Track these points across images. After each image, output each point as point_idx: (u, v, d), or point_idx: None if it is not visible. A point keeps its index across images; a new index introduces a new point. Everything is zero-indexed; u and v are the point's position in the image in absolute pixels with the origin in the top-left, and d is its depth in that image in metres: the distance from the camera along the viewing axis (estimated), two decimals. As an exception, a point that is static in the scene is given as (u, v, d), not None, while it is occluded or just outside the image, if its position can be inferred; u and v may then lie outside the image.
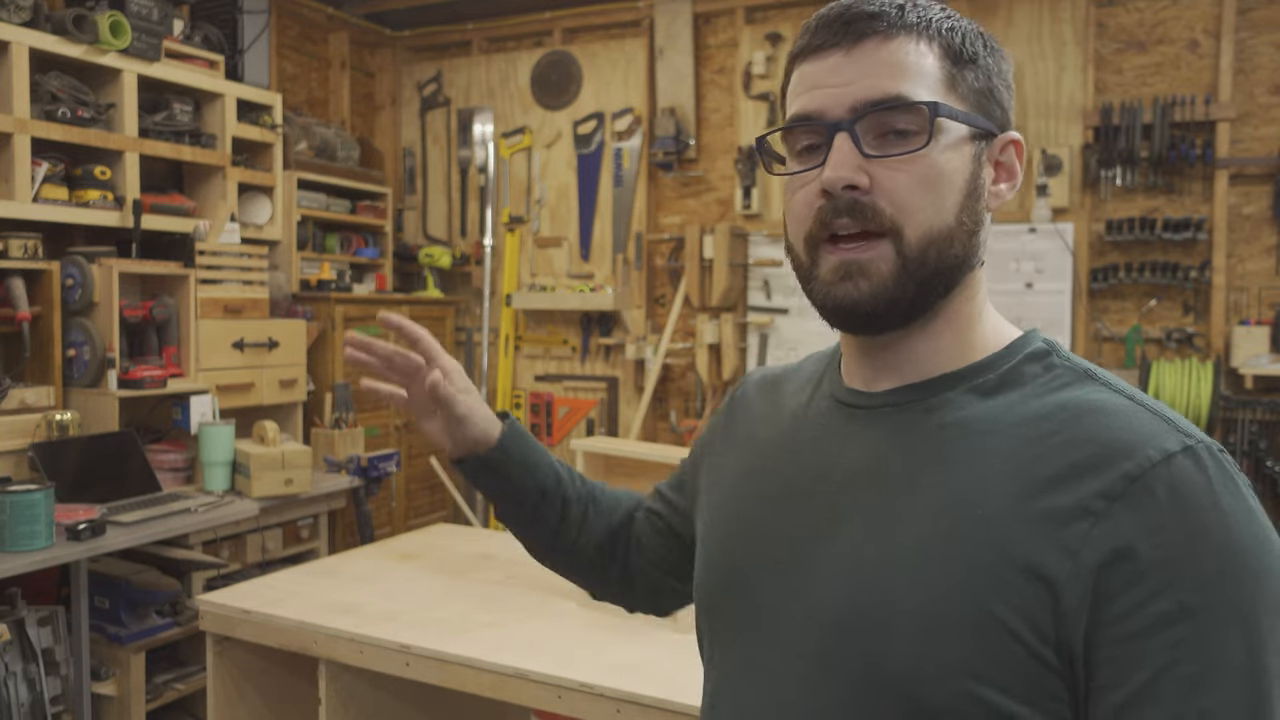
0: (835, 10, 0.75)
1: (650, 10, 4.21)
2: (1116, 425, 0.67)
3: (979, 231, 0.75)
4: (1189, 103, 3.36)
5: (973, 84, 0.74)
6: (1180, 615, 0.61)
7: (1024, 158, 0.79)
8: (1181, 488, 0.63)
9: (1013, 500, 0.67)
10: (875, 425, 0.77)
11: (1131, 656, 0.61)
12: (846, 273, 0.73)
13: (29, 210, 2.91)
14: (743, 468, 0.89)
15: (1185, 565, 0.61)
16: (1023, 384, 0.74)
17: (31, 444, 2.79)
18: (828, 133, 0.72)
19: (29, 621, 2.60)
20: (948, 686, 0.65)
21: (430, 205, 4.79)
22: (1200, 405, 3.17)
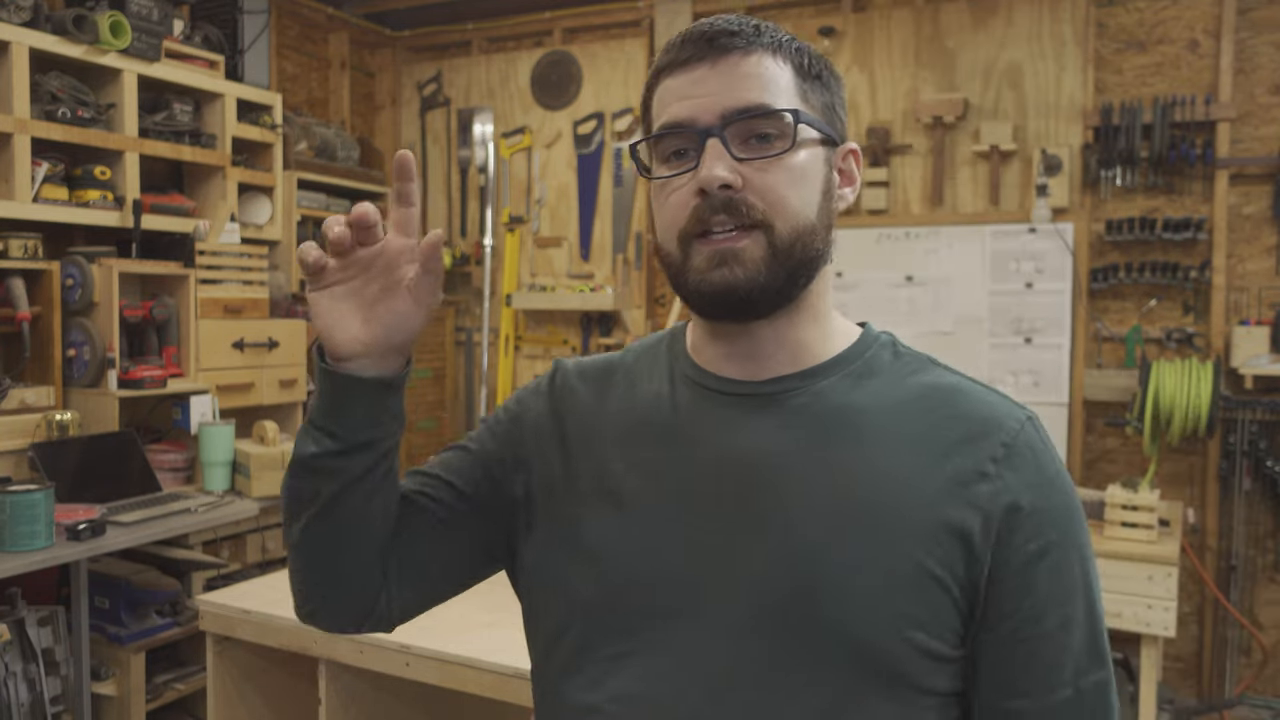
0: (698, 29, 0.82)
1: (650, 10, 4.21)
2: (979, 402, 0.83)
3: (832, 229, 0.84)
4: (1189, 103, 3.36)
5: (819, 98, 0.84)
6: (1047, 549, 0.79)
7: (861, 165, 0.89)
8: (1036, 448, 0.81)
9: (925, 468, 0.79)
10: (771, 412, 0.83)
11: (1022, 585, 0.78)
12: (721, 260, 0.79)
13: (29, 210, 2.91)
14: (618, 466, 0.86)
15: (1046, 511, 0.79)
16: (884, 370, 0.86)
17: (31, 444, 2.79)
18: (699, 139, 0.79)
19: (29, 621, 2.60)
20: (894, 636, 0.76)
21: (430, 205, 4.79)
22: (1200, 405, 3.16)
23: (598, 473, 0.87)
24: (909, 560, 0.77)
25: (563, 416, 0.92)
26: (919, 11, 3.77)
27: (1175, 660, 3.50)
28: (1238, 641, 3.40)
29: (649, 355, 0.94)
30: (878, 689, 0.76)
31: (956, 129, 3.73)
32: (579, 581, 0.84)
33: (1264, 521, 3.35)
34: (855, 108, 3.89)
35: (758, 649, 0.78)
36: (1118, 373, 3.49)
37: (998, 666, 0.79)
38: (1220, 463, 3.36)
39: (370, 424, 0.82)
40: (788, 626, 0.77)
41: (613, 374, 0.94)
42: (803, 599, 0.77)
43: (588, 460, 0.89)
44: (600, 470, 0.87)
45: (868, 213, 3.86)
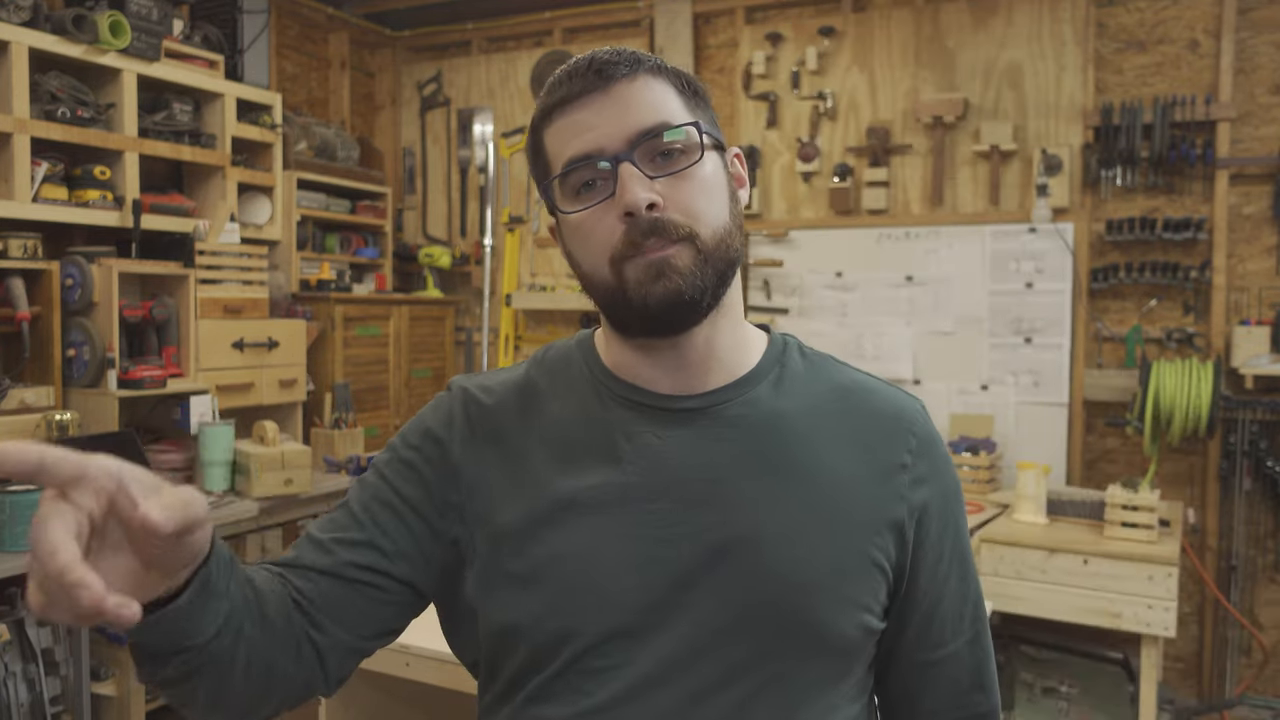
0: (580, 64, 0.84)
1: (650, 10, 4.21)
2: (886, 398, 0.92)
3: (742, 228, 0.88)
4: (1189, 103, 3.36)
5: (702, 112, 0.87)
6: (950, 521, 0.91)
7: (746, 167, 0.93)
8: (933, 435, 0.92)
9: (857, 465, 0.87)
10: (708, 425, 0.86)
11: (935, 557, 0.90)
12: (658, 272, 0.81)
13: (29, 210, 2.91)
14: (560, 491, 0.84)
15: (947, 491, 0.91)
16: (798, 374, 0.92)
17: (31, 444, 2.79)
18: (610, 166, 0.81)
19: (29, 621, 2.60)
20: (851, 621, 0.84)
21: (430, 205, 4.79)
22: (1200, 405, 3.16)
23: (538, 499, 0.85)
24: (857, 552, 0.85)
25: (484, 443, 0.88)
26: (919, 11, 3.77)
27: (1175, 660, 3.50)
28: (1238, 641, 3.39)
29: (561, 372, 0.92)
30: (836, 669, 0.85)
31: (956, 129, 3.73)
32: (538, 611, 0.83)
33: (1264, 521, 3.35)
34: (855, 108, 3.89)
35: (725, 654, 0.81)
36: (1118, 373, 3.49)
37: (918, 626, 0.90)
38: (1220, 463, 3.35)
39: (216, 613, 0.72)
40: (755, 627, 0.81)
41: (526, 393, 0.91)
42: (764, 601, 0.82)
43: (524, 487, 0.86)
44: (540, 496, 0.85)
45: (868, 213, 3.85)
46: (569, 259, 0.88)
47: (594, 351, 0.93)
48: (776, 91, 4.01)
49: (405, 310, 4.34)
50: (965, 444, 3.53)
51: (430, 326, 4.52)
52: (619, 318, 0.85)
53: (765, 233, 4.03)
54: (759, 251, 4.04)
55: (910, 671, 0.92)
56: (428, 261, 4.56)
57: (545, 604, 0.83)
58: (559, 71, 0.86)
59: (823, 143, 3.94)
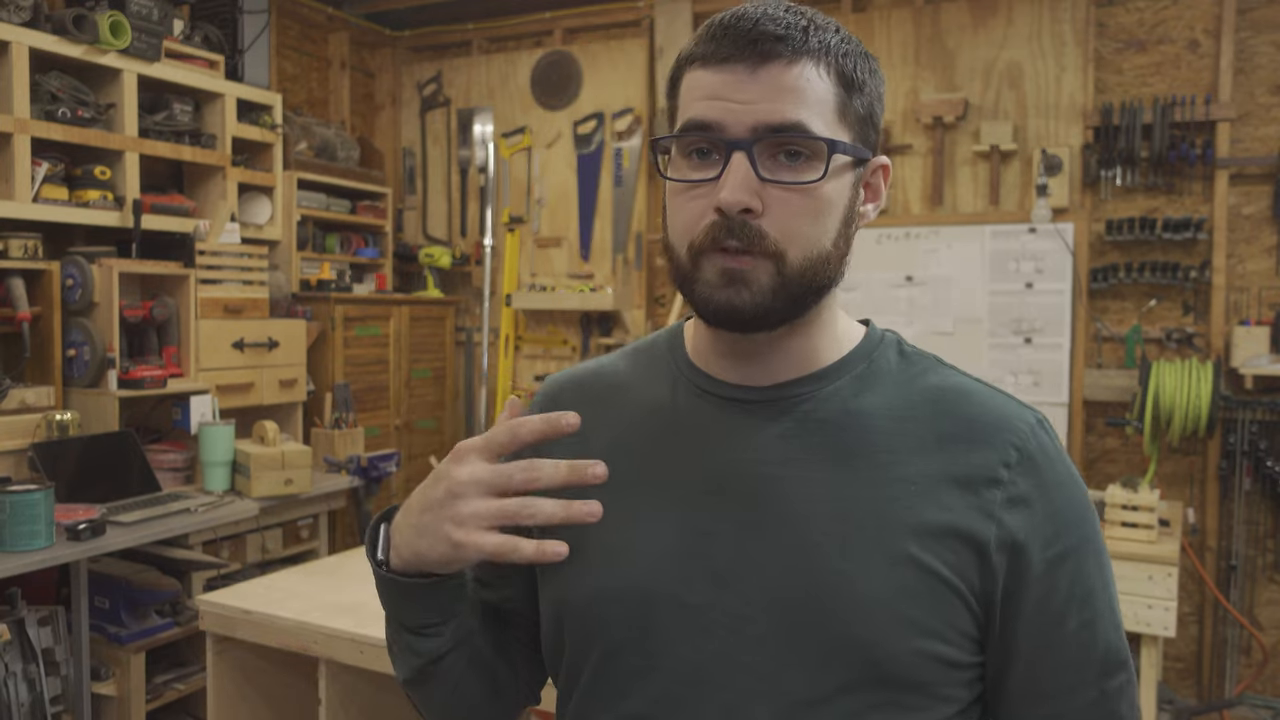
0: (742, 24, 0.75)
1: (650, 10, 4.21)
2: (988, 404, 0.82)
3: (847, 254, 0.81)
4: (1189, 103, 3.36)
5: (858, 110, 0.79)
6: (1066, 555, 0.78)
7: (889, 180, 0.85)
8: (1047, 451, 0.80)
9: (934, 473, 0.78)
10: (776, 418, 0.81)
11: (1043, 591, 0.77)
12: (730, 279, 0.76)
13: (29, 210, 2.91)
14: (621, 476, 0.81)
15: (1063, 515, 0.78)
16: (891, 371, 0.84)
17: (31, 444, 2.79)
18: (725, 149, 0.75)
19: (29, 621, 2.60)
20: (905, 644, 0.74)
21: (430, 205, 4.79)
22: (1200, 405, 3.16)
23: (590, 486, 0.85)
24: (918, 567, 0.75)
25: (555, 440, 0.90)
26: (919, 11, 3.77)
27: (1175, 660, 3.50)
28: (1238, 641, 3.40)
29: (646, 359, 0.92)
30: (895, 698, 0.75)
31: (956, 129, 3.73)
32: (577, 602, 0.82)
33: (1264, 521, 3.35)
34: (855, 108, 3.89)
35: (771, 663, 0.76)
36: (1118, 373, 3.49)
37: (1022, 673, 0.78)
38: (1220, 463, 3.36)
39: (448, 610, 0.82)
40: (800, 639, 0.75)
41: (606, 381, 0.92)
42: (813, 610, 0.75)
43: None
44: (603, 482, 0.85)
45: (868, 213, 3.85)
46: (662, 210, 0.84)
47: (680, 339, 0.90)
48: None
49: (405, 310, 4.34)
50: (965, 444, 3.52)
51: (430, 326, 4.52)
52: (685, 296, 0.80)
53: (765, 233, 4.02)
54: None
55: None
56: (428, 261, 4.56)
57: (586, 595, 0.82)
58: (719, 20, 0.77)
59: (823, 143, 3.94)
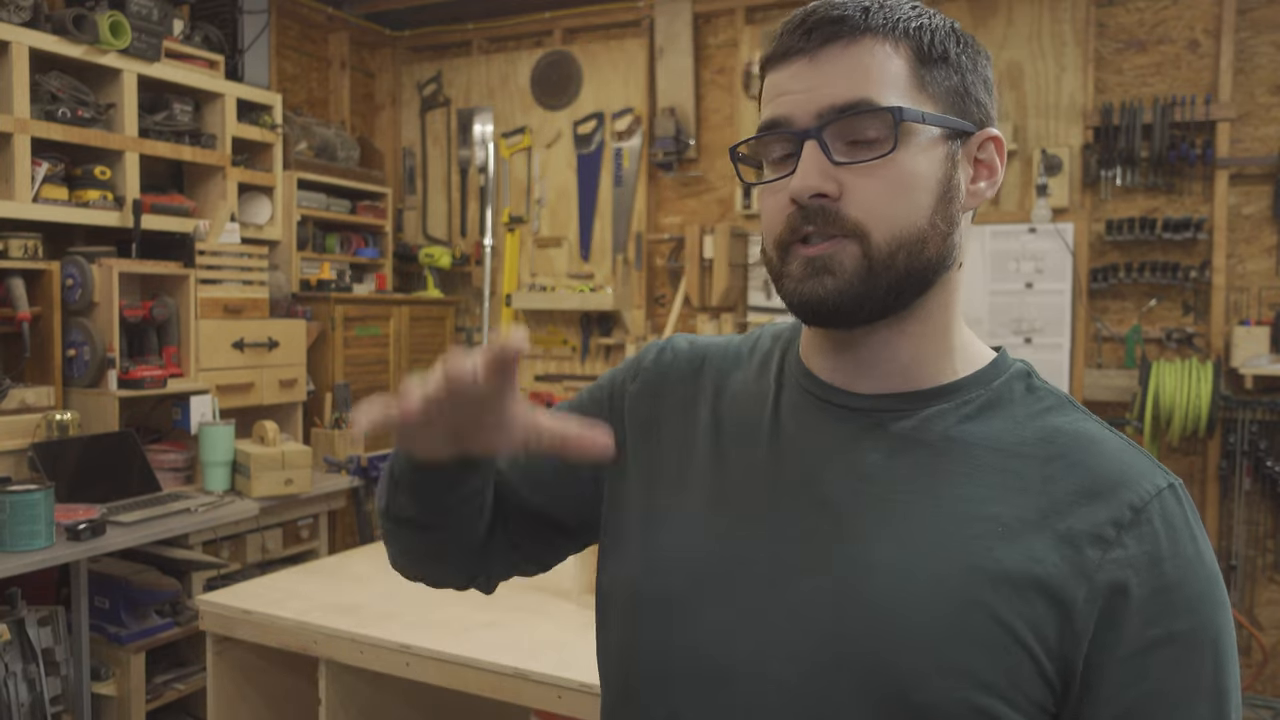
0: (799, 16, 0.74)
1: (650, 10, 4.21)
2: (1115, 457, 0.72)
3: (953, 233, 0.75)
4: (1189, 103, 3.36)
5: (944, 83, 0.74)
6: (1169, 640, 0.67)
7: (1004, 154, 0.79)
8: (1173, 520, 0.70)
9: (1032, 518, 0.69)
10: (871, 430, 0.76)
11: (1128, 676, 0.67)
12: (813, 269, 0.73)
13: (29, 210, 2.91)
14: (706, 458, 0.82)
15: (1175, 594, 0.68)
16: (1011, 403, 0.76)
17: (31, 444, 2.79)
18: (796, 141, 0.73)
19: (29, 621, 2.60)
20: (952, 695, 0.66)
21: (430, 205, 4.79)
22: (1200, 405, 3.16)
23: (663, 467, 0.84)
24: (988, 614, 0.67)
25: (664, 392, 0.88)
26: (919, 11, 3.77)
27: (1175, 660, 3.50)
28: (1237, 641, 3.39)
29: (765, 345, 0.89)
30: None
31: (956, 129, 3.72)
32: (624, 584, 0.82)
33: (1264, 521, 3.35)
34: (855, 108, 3.89)
35: (798, 683, 0.71)
36: (1118, 373, 3.49)
37: None
38: (1220, 463, 3.36)
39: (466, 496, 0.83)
40: (833, 664, 0.70)
41: (721, 356, 0.89)
42: (851, 640, 0.70)
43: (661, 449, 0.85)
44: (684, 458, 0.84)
45: (868, 213, 3.85)
46: None
47: (798, 329, 0.86)
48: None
49: (405, 310, 4.34)
50: (965, 444, 3.53)
51: (430, 326, 4.52)
52: (780, 296, 0.78)
53: (765, 233, 4.02)
54: (759, 251, 4.04)
55: None
56: (428, 261, 4.56)
57: (637, 574, 0.81)
58: (784, 23, 0.76)
59: (823, 143, 3.94)
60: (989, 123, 0.78)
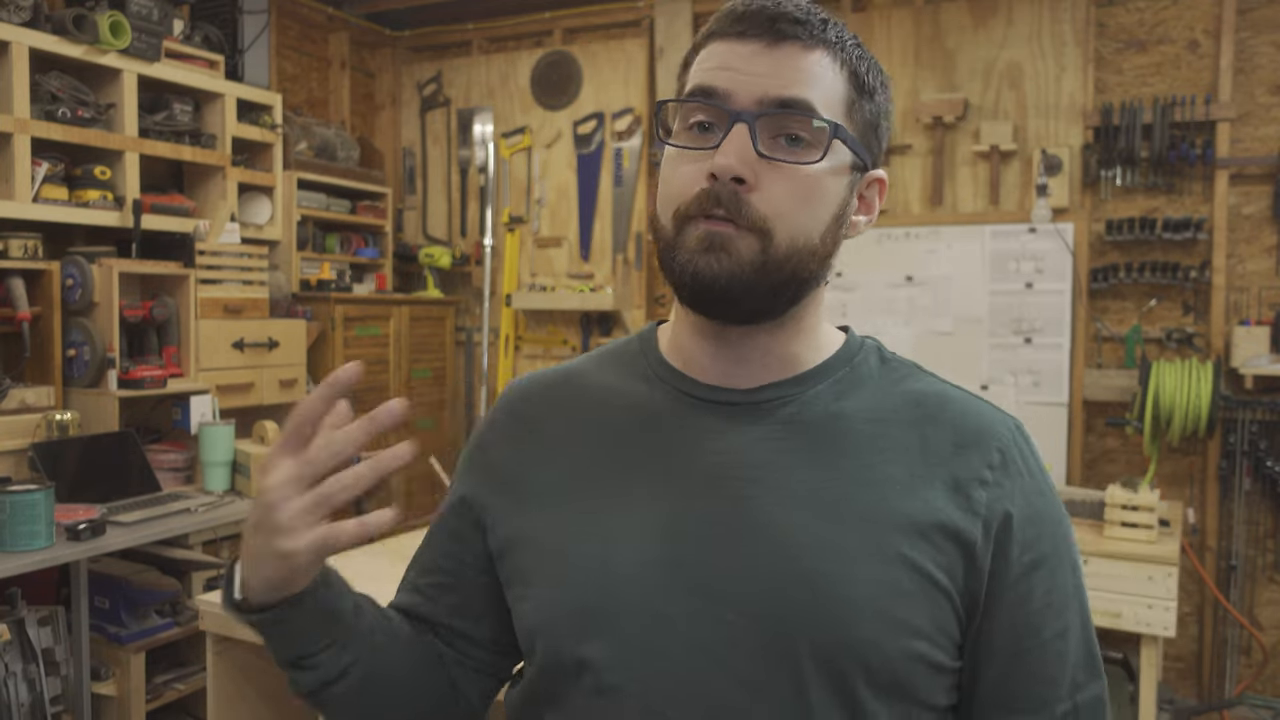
0: (763, 5, 0.76)
1: (650, 10, 4.21)
2: (972, 410, 0.81)
3: (833, 255, 0.80)
4: (1189, 103, 3.36)
5: (866, 116, 0.79)
6: (1041, 562, 0.77)
7: (884, 196, 0.84)
8: (1026, 456, 0.80)
9: (920, 475, 0.77)
10: (758, 421, 0.80)
11: (1016, 596, 0.76)
12: (711, 244, 0.74)
13: (29, 210, 2.91)
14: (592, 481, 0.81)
15: (1041, 521, 0.78)
16: (872, 376, 0.83)
17: (31, 444, 2.79)
18: (728, 118, 0.74)
19: (29, 621, 2.60)
20: (900, 647, 0.72)
21: (430, 205, 4.79)
22: (1200, 405, 3.16)
23: (562, 493, 0.82)
24: (909, 567, 0.73)
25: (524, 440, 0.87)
26: (919, 11, 3.77)
27: (1175, 660, 3.50)
28: (1238, 641, 3.40)
29: (618, 361, 0.89)
30: (882, 704, 0.73)
31: (956, 129, 3.73)
32: (552, 611, 0.79)
33: (1264, 521, 3.35)
34: (855, 108, 3.89)
35: (761, 671, 0.73)
36: (1118, 373, 3.49)
37: (995, 681, 0.77)
38: (1220, 463, 3.35)
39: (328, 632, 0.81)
40: (791, 645, 0.73)
41: (576, 384, 0.89)
42: (803, 615, 0.73)
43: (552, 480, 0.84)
44: (565, 489, 0.82)
45: (868, 213, 3.85)
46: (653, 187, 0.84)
47: (653, 340, 0.88)
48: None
49: (405, 310, 4.34)
50: (965, 444, 3.52)
51: (430, 326, 4.52)
52: (666, 271, 0.79)
53: (765, 233, 4.02)
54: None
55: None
56: (428, 261, 4.56)
57: (557, 600, 0.79)
58: (743, 1, 0.77)
59: (823, 143, 3.94)
60: (879, 164, 0.83)
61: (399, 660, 0.86)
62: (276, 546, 0.70)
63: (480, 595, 0.88)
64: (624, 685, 0.75)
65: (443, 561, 0.90)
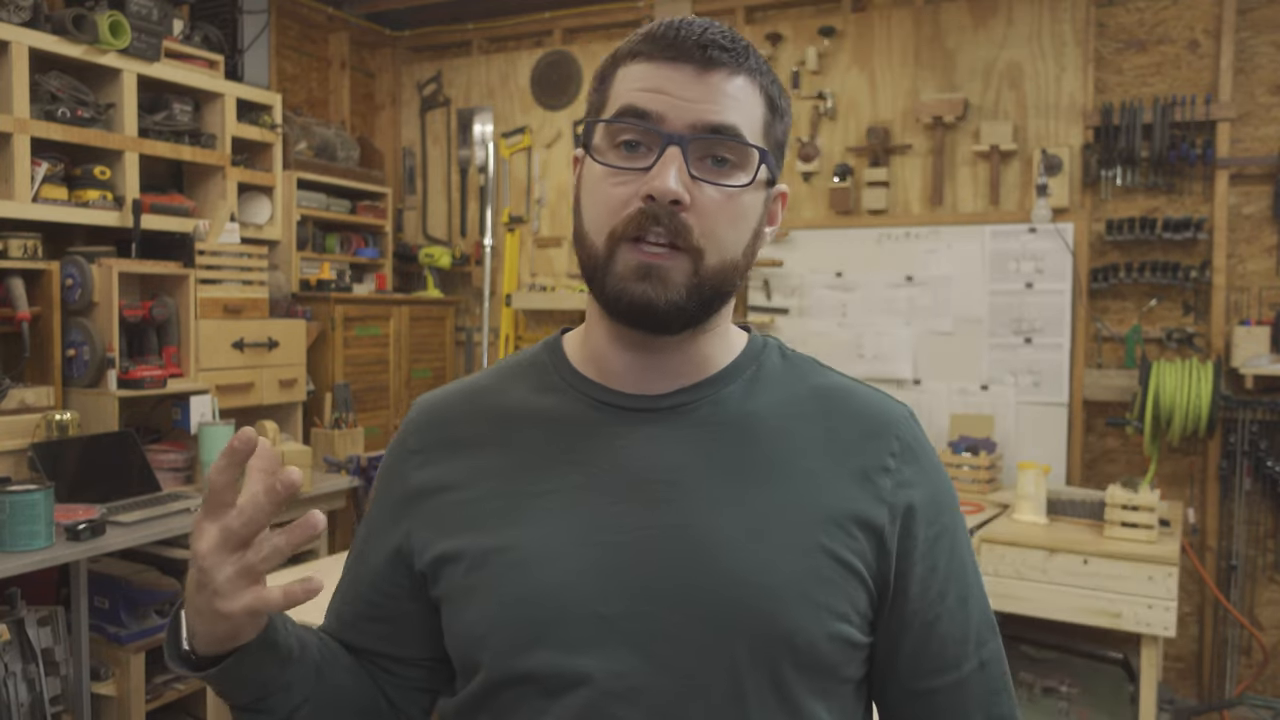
0: (691, 32, 0.79)
1: (650, 10, 4.21)
2: (871, 401, 0.88)
3: (750, 267, 0.85)
4: (1189, 103, 3.36)
5: (778, 135, 0.84)
6: (943, 534, 0.85)
7: (785, 207, 0.89)
8: (922, 441, 0.87)
9: (830, 467, 0.82)
10: (674, 424, 0.83)
11: (924, 569, 0.83)
12: (646, 274, 0.77)
13: (29, 210, 2.90)
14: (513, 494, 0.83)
15: (938, 497, 0.85)
16: (776, 374, 0.88)
17: (31, 444, 2.79)
18: (662, 140, 0.76)
19: (29, 621, 2.60)
20: (823, 630, 0.78)
21: (430, 205, 4.79)
22: (1200, 405, 3.16)
23: (491, 506, 0.83)
24: (828, 555, 0.79)
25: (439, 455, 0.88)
26: (919, 11, 3.77)
27: (1175, 660, 3.50)
28: (1238, 641, 3.39)
29: (525, 374, 0.90)
30: (811, 682, 0.78)
31: (956, 129, 3.73)
32: (490, 623, 0.80)
33: (1264, 521, 3.35)
34: (855, 108, 3.89)
35: (695, 662, 0.76)
36: (1118, 373, 3.49)
37: (911, 648, 0.83)
38: (1220, 463, 3.35)
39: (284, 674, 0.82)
40: (723, 637, 0.76)
41: (486, 399, 0.90)
42: (733, 607, 0.77)
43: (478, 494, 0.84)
44: (493, 503, 0.83)
45: (868, 213, 3.85)
46: (575, 201, 0.84)
47: (561, 352, 0.90)
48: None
49: (405, 310, 4.34)
50: (965, 444, 3.53)
51: (430, 326, 4.52)
52: (594, 288, 0.81)
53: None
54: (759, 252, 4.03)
55: (909, 701, 0.85)
56: (428, 261, 4.56)
57: (493, 615, 0.80)
58: (665, 24, 0.80)
59: (823, 143, 3.94)
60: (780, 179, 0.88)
61: (345, 688, 0.88)
62: (216, 607, 0.73)
63: (411, 620, 0.89)
64: (570, 689, 0.77)
65: (366, 591, 0.91)
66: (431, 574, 0.85)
